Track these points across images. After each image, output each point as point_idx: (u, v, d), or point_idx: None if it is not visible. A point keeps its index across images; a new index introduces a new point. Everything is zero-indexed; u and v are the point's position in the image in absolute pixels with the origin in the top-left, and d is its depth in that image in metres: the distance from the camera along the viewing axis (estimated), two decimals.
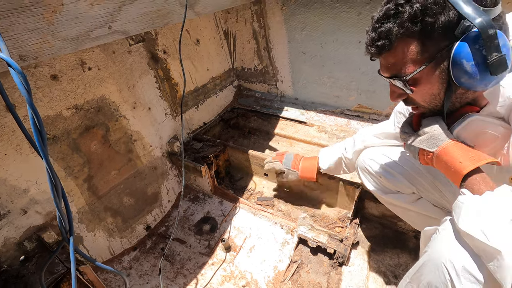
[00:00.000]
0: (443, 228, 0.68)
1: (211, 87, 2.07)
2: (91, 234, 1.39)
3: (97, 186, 1.40)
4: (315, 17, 1.74)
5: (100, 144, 1.40)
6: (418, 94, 0.70)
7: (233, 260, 1.46)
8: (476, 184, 0.65)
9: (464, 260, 0.60)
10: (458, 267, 0.60)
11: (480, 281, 0.58)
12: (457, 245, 0.62)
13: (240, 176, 1.90)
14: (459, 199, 0.64)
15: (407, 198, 1.07)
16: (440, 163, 0.72)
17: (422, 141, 0.74)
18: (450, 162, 0.68)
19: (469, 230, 0.58)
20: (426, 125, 0.74)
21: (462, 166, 0.66)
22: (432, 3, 0.59)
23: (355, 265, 1.36)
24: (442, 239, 0.66)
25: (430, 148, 0.72)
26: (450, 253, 0.62)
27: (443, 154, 0.70)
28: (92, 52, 1.32)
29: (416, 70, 0.65)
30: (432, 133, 0.72)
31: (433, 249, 0.68)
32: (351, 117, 1.91)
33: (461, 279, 0.59)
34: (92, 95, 1.35)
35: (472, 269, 0.58)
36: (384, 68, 0.72)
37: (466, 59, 0.59)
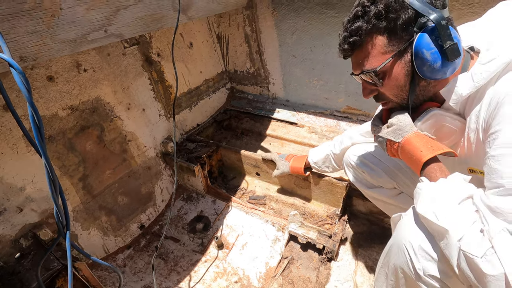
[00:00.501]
0: (406, 214, 0.75)
1: (204, 89, 2.11)
2: (85, 232, 1.41)
3: (92, 185, 1.42)
4: (304, 22, 1.80)
5: (95, 144, 1.43)
6: (387, 87, 0.76)
7: (225, 257, 1.50)
8: (433, 172, 0.72)
9: (420, 240, 0.67)
10: (415, 247, 0.67)
11: (434, 258, 0.65)
12: (415, 228, 0.69)
13: (232, 176, 1.94)
14: (418, 186, 0.71)
15: (388, 193, 1.13)
16: (404, 153, 0.78)
17: (389, 133, 0.80)
18: (412, 151, 0.75)
19: (424, 213, 0.65)
20: (393, 118, 0.80)
21: (422, 155, 0.73)
22: (393, 1, 0.68)
23: (344, 260, 1.41)
24: (404, 223, 0.74)
25: (396, 138, 0.78)
26: (409, 234, 0.69)
27: (406, 144, 0.76)
28: (87, 54, 1.36)
29: (384, 61, 0.72)
30: (398, 124, 0.78)
31: (396, 232, 0.75)
32: (340, 118, 1.97)
33: (418, 257, 0.66)
34: (88, 96, 1.38)
35: (427, 248, 0.65)
36: (356, 65, 0.78)
37: (426, 48, 0.67)
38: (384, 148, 0.85)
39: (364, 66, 0.75)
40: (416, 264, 0.66)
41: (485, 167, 0.61)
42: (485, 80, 0.66)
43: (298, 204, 1.69)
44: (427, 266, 0.65)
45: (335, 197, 1.58)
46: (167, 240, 1.63)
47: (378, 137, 0.85)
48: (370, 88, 0.80)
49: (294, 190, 1.74)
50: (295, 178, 1.68)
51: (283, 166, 1.56)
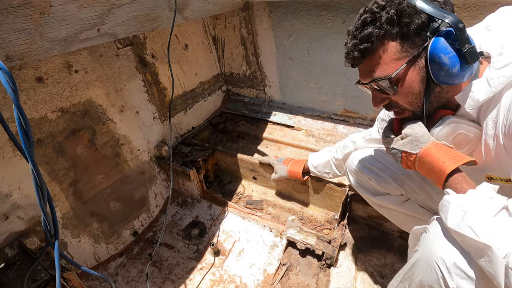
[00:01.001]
0: (432, 227, 0.69)
1: (199, 92, 2.08)
2: (75, 240, 1.35)
3: (83, 190, 1.37)
4: (301, 24, 1.78)
5: (86, 148, 1.37)
6: (400, 95, 0.73)
7: (222, 264, 1.45)
8: (458, 183, 0.67)
9: (454, 257, 0.61)
10: (449, 264, 0.61)
11: (471, 277, 0.59)
12: (447, 243, 0.64)
13: (229, 180, 1.90)
14: (445, 198, 0.66)
15: (395, 200, 1.09)
16: (422, 165, 0.74)
17: (405, 144, 0.76)
18: (434, 162, 0.70)
19: (457, 228, 0.60)
20: (408, 128, 0.76)
21: (445, 166, 0.68)
22: (406, 6, 0.66)
23: (343, 266, 1.38)
24: (432, 237, 0.68)
25: (413, 150, 0.74)
26: (440, 250, 0.64)
27: (425, 155, 0.72)
28: (79, 55, 1.31)
29: (398, 68, 0.69)
30: (415, 135, 0.74)
31: (423, 247, 0.69)
32: (337, 122, 1.96)
33: (452, 275, 0.60)
34: (79, 98, 1.33)
35: (462, 265, 0.60)
36: (366, 74, 0.75)
37: (443, 53, 0.65)
38: (398, 161, 0.80)
39: (376, 74, 0.72)
40: (450, 283, 0.61)
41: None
42: (502, 85, 0.64)
43: (296, 209, 1.66)
44: (463, 285, 0.60)
45: (334, 202, 1.55)
46: (161, 247, 1.57)
47: (391, 149, 0.80)
48: (381, 97, 0.77)
49: (292, 195, 1.71)
50: (293, 183, 1.65)
51: (281, 170, 1.53)
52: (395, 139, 0.80)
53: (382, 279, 1.32)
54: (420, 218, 1.10)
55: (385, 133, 0.85)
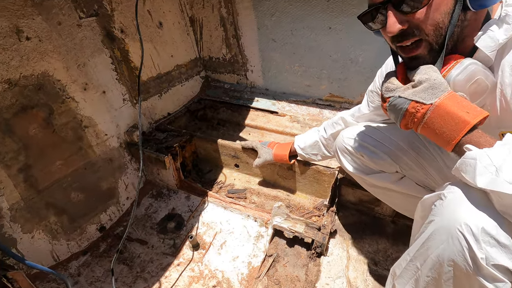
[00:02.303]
0: (450, 192, 0.59)
1: (176, 75, 1.92)
2: (27, 235, 1.15)
3: (37, 177, 1.18)
4: (284, 2, 1.68)
5: (41, 128, 1.19)
6: (429, 11, 0.60)
7: (201, 258, 1.31)
8: (482, 137, 0.57)
9: (482, 221, 0.52)
10: (476, 231, 0.51)
11: (502, 243, 0.50)
12: (472, 207, 0.54)
13: (208, 169, 1.75)
14: (468, 156, 0.55)
15: (390, 178, 1.00)
16: (434, 120, 0.61)
17: (417, 92, 0.62)
18: (453, 113, 0.59)
19: (493, 186, 0.50)
20: (422, 74, 0.63)
21: (469, 117, 0.57)
22: None
23: (334, 255, 1.28)
24: (451, 203, 0.58)
25: (427, 100, 0.61)
26: (465, 216, 0.54)
27: (443, 105, 0.59)
28: (31, 19, 1.13)
29: None
30: (432, 81, 0.61)
31: (441, 216, 0.58)
32: (323, 107, 1.87)
33: (481, 243, 0.51)
34: (31, 70, 1.14)
35: (493, 230, 0.50)
36: None
37: None
38: (399, 116, 0.66)
39: None
40: (478, 252, 0.51)
41: None
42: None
43: (282, 197, 1.55)
44: (493, 253, 0.50)
45: (322, 187, 1.45)
46: (133, 243, 1.40)
47: (395, 99, 0.66)
48: (401, 18, 0.62)
49: (277, 182, 1.59)
50: (278, 168, 1.53)
51: (265, 154, 1.41)
52: (402, 88, 0.66)
53: (376, 266, 1.23)
54: (416, 197, 1.01)
55: (388, 81, 0.70)
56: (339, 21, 1.59)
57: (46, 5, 1.17)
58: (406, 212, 1.11)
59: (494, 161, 0.51)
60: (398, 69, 0.71)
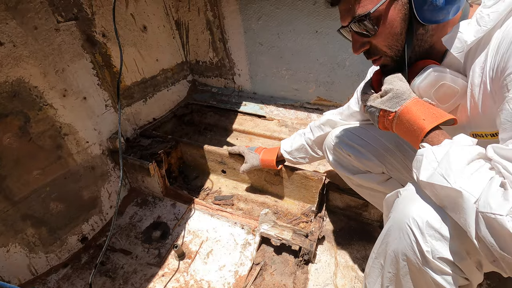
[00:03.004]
0: (404, 189, 0.64)
1: (161, 80, 1.88)
2: (2, 249, 1.10)
3: (12, 188, 1.13)
4: (271, 6, 1.67)
5: (16, 137, 1.14)
6: (381, 36, 0.66)
7: (187, 268, 1.27)
8: (435, 137, 0.61)
9: (427, 215, 0.55)
10: (421, 225, 0.55)
11: (445, 236, 0.53)
12: (420, 201, 0.58)
13: (195, 175, 1.72)
14: (418, 152, 0.60)
15: (376, 178, 1.01)
16: (401, 124, 0.67)
17: (384, 102, 0.69)
18: (413, 120, 0.64)
19: (430, 179, 0.54)
20: (388, 83, 0.69)
21: (425, 123, 0.62)
22: None
23: (322, 262, 1.26)
24: (404, 199, 0.62)
25: (392, 108, 0.67)
26: (413, 211, 0.57)
27: (405, 113, 0.65)
28: (4, 24, 1.08)
29: (379, 2, 0.62)
30: (395, 91, 0.67)
31: (395, 212, 0.62)
32: (311, 110, 1.86)
33: (426, 236, 0.54)
34: (5, 77, 1.10)
35: (436, 224, 0.54)
36: (345, 13, 0.67)
37: None
38: (375, 120, 0.73)
39: (356, 11, 0.64)
40: (424, 245, 0.54)
41: (503, 115, 0.52)
42: (493, 22, 0.56)
43: (269, 203, 1.52)
44: (437, 246, 0.53)
45: (310, 192, 1.43)
46: (116, 253, 1.35)
47: (369, 107, 0.73)
48: (361, 41, 0.69)
49: (264, 188, 1.57)
50: (265, 174, 1.51)
51: (252, 159, 1.39)
52: (373, 96, 0.73)
53: (364, 273, 1.21)
54: None
55: (364, 89, 0.78)
56: (326, 24, 1.58)
57: (21, 9, 1.12)
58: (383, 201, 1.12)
59: (437, 157, 0.55)
60: (373, 76, 0.78)
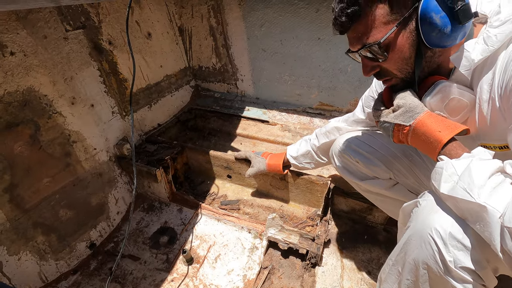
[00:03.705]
0: (424, 199, 0.65)
1: (165, 86, 1.90)
2: (14, 258, 1.11)
3: (23, 197, 1.13)
4: (274, 13, 1.70)
5: (27, 145, 1.15)
6: (391, 61, 0.69)
7: (196, 273, 1.29)
8: (453, 150, 0.64)
9: (450, 227, 0.56)
10: (444, 235, 0.56)
11: (467, 247, 0.55)
12: (441, 213, 0.59)
13: (201, 180, 1.74)
14: (438, 165, 0.62)
15: (384, 184, 1.04)
16: (416, 137, 0.69)
17: (397, 116, 0.72)
18: (429, 133, 0.66)
19: (451, 192, 0.56)
20: (400, 99, 0.72)
21: (441, 135, 0.64)
22: None
23: (328, 265, 1.29)
24: (424, 209, 0.63)
25: (406, 122, 0.70)
26: (435, 222, 0.58)
27: (420, 126, 0.68)
28: (15, 34, 1.10)
29: (388, 32, 0.64)
30: (408, 106, 0.70)
31: (416, 222, 0.64)
32: (313, 115, 1.89)
33: (449, 247, 0.55)
34: (16, 86, 1.11)
35: (459, 235, 0.55)
36: (355, 40, 0.70)
37: (434, 12, 0.60)
38: (389, 135, 0.76)
39: (365, 40, 0.67)
40: (446, 255, 0.55)
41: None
42: (500, 43, 0.59)
43: (275, 207, 1.55)
44: (460, 256, 0.55)
45: (315, 197, 1.46)
46: (124, 259, 1.36)
47: (383, 123, 0.75)
48: (371, 65, 0.72)
49: (270, 192, 1.60)
50: (271, 179, 1.53)
51: (259, 163, 1.41)
52: (385, 112, 0.75)
53: (369, 275, 1.24)
54: None
55: (375, 105, 0.81)
56: (328, 32, 1.62)
57: (31, 18, 1.14)
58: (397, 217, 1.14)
59: (458, 170, 0.56)
60: (383, 93, 0.81)
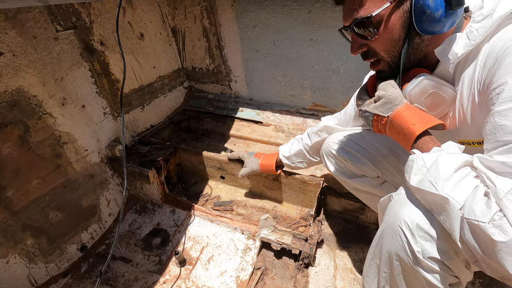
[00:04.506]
0: (396, 193, 0.67)
1: (158, 87, 1.89)
2: (2, 261, 1.09)
3: (12, 199, 1.12)
4: (267, 14, 1.71)
5: (16, 146, 1.13)
6: (379, 40, 0.69)
7: (189, 275, 1.28)
8: (425, 144, 0.65)
9: (418, 217, 0.59)
10: (412, 226, 0.58)
11: (433, 237, 0.56)
12: (410, 205, 0.61)
13: (194, 181, 1.73)
14: (409, 158, 0.64)
15: (372, 182, 1.05)
16: (393, 128, 0.71)
17: (377, 107, 0.73)
18: (404, 124, 0.68)
19: (419, 184, 0.58)
20: (381, 90, 0.73)
21: (415, 128, 0.66)
22: None
23: (321, 265, 1.29)
24: (396, 203, 0.65)
25: (385, 113, 0.71)
26: (404, 213, 0.61)
27: (397, 117, 0.69)
28: (4, 34, 1.08)
29: (381, 7, 0.64)
30: (388, 97, 0.71)
31: (388, 215, 0.66)
32: (306, 116, 1.90)
33: (416, 238, 0.58)
34: (4, 86, 1.09)
35: (425, 225, 0.57)
36: (348, 13, 0.70)
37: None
38: (369, 124, 0.77)
39: (358, 13, 0.67)
40: (414, 246, 0.57)
41: (487, 127, 0.55)
42: (481, 37, 0.60)
43: (268, 208, 1.55)
44: (427, 247, 0.57)
45: (308, 197, 1.46)
46: (116, 261, 1.35)
47: (364, 112, 0.77)
48: (360, 42, 0.72)
49: (263, 193, 1.59)
50: (264, 179, 1.53)
51: (251, 164, 1.41)
52: (367, 102, 0.77)
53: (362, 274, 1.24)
54: None
55: (359, 94, 0.83)
56: (320, 33, 1.63)
57: (20, 18, 1.12)
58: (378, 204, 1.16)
59: (427, 163, 0.58)
60: (368, 82, 0.82)
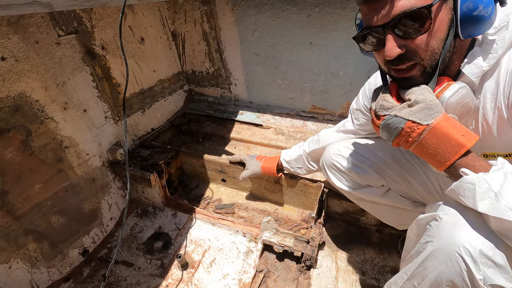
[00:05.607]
0: (445, 213, 0.60)
1: (159, 90, 1.90)
2: (4, 266, 1.09)
3: (14, 203, 1.12)
4: (266, 18, 1.72)
5: (18, 151, 1.13)
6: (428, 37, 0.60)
7: (191, 278, 1.28)
8: (476, 161, 0.58)
9: (480, 244, 0.54)
10: (474, 254, 0.53)
11: (498, 264, 0.52)
12: (468, 228, 0.56)
13: (195, 184, 1.74)
14: (465, 180, 0.57)
15: (377, 192, 1.03)
16: (429, 140, 0.61)
17: (414, 112, 0.61)
18: (449, 135, 0.59)
19: (495, 213, 0.52)
20: (419, 93, 0.62)
21: (465, 140, 0.58)
22: None
23: (323, 267, 1.30)
24: (448, 225, 0.59)
25: (423, 120, 0.61)
26: (462, 238, 0.55)
27: (440, 127, 0.60)
28: (7, 39, 1.09)
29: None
30: (428, 103, 0.61)
31: (439, 238, 0.59)
32: (306, 119, 1.91)
33: (479, 265, 0.53)
34: (7, 91, 1.10)
35: (489, 252, 0.53)
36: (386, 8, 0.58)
37: None
38: (393, 134, 0.66)
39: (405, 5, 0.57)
40: (476, 274, 0.53)
41: None
42: (502, 50, 0.59)
43: (270, 210, 1.55)
44: (489, 274, 0.53)
45: (309, 199, 1.47)
46: (118, 265, 1.35)
47: (391, 117, 0.65)
48: (400, 43, 0.60)
49: (264, 195, 1.60)
50: (265, 182, 1.54)
51: (253, 166, 1.42)
52: (398, 107, 0.65)
53: (364, 276, 1.25)
54: (401, 208, 1.06)
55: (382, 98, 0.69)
56: (320, 36, 1.64)
57: (23, 24, 1.13)
58: (392, 223, 1.14)
59: (493, 186, 0.53)
60: (391, 87, 0.70)
